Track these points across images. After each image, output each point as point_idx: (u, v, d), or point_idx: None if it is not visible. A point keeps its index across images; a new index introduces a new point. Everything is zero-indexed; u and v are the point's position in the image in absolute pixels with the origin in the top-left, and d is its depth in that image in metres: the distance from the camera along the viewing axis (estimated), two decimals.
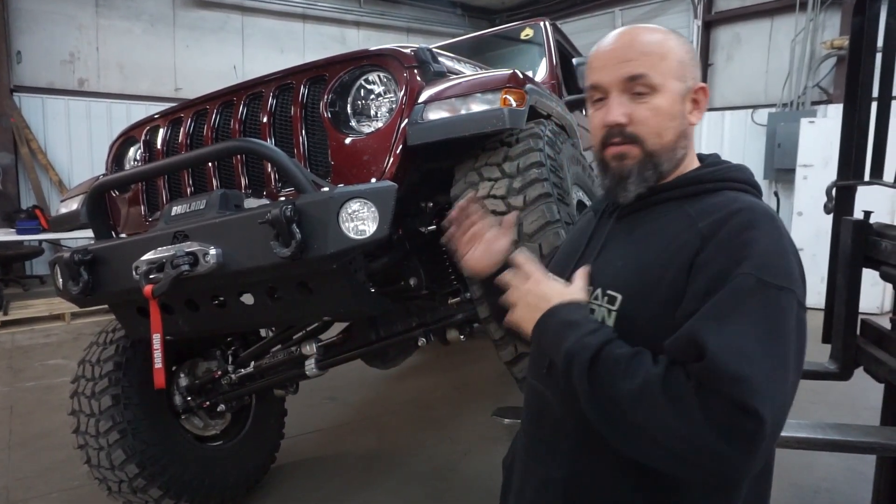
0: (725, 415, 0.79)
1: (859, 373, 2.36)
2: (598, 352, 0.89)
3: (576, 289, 1.01)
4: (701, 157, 1.10)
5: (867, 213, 2.19)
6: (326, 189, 1.66)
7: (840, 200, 2.37)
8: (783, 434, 1.79)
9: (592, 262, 1.06)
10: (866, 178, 2.27)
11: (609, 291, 0.99)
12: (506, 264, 1.15)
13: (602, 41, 1.06)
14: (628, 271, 0.99)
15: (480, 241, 1.20)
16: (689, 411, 0.81)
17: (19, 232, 6.50)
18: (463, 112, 1.78)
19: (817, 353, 2.90)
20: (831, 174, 2.45)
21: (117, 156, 2.53)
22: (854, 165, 2.27)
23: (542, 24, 3.63)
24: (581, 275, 1.03)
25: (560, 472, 1.04)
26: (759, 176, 7.72)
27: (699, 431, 0.80)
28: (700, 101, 1.05)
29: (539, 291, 1.00)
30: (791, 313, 0.85)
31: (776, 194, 7.45)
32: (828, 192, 2.40)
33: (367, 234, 1.58)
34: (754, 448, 0.79)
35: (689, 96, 1.03)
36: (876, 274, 2.20)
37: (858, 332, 2.31)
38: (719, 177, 1.03)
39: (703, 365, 0.81)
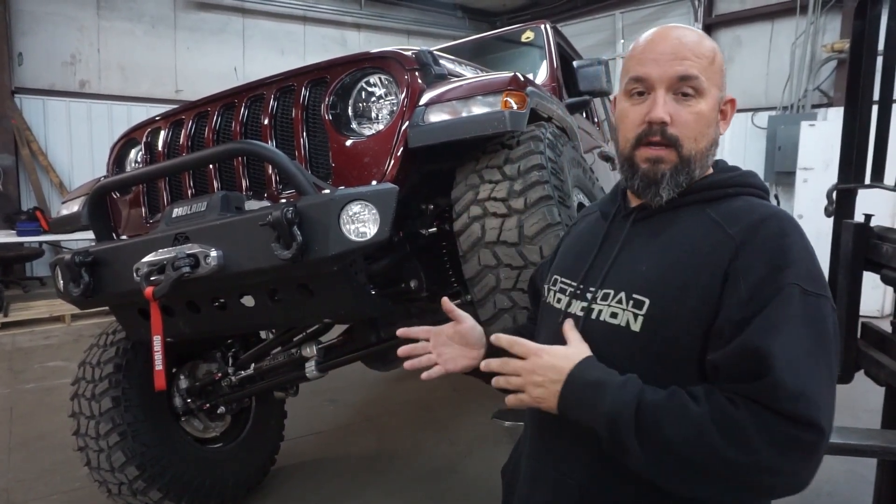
0: (786, 432, 0.81)
1: (858, 376, 2.36)
2: (638, 405, 0.88)
3: (576, 345, 0.99)
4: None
5: (868, 217, 2.19)
6: (327, 191, 1.67)
7: (841, 204, 2.37)
8: None
9: (610, 265, 1.04)
10: (867, 181, 2.27)
11: (635, 295, 0.97)
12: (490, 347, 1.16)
13: (651, 34, 1.03)
14: (655, 275, 0.97)
15: (444, 347, 1.21)
16: (747, 441, 0.82)
17: (20, 233, 6.50)
18: (464, 114, 1.78)
19: None
20: (831, 177, 2.45)
21: (118, 157, 2.54)
22: (855, 168, 2.27)
23: (542, 26, 3.63)
24: (571, 327, 1.02)
25: (576, 479, 1.04)
26: None
27: (761, 457, 0.81)
28: (727, 112, 1.04)
29: (545, 365, 0.97)
30: (830, 320, 0.88)
31: (776, 197, 7.45)
32: (828, 196, 2.40)
33: (368, 237, 1.58)
34: (816, 458, 0.82)
35: (720, 106, 1.02)
36: (876, 277, 2.20)
37: (859, 335, 2.31)
38: (740, 182, 1.02)
39: (765, 383, 0.82)
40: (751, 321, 0.86)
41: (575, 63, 3.08)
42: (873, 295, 6.38)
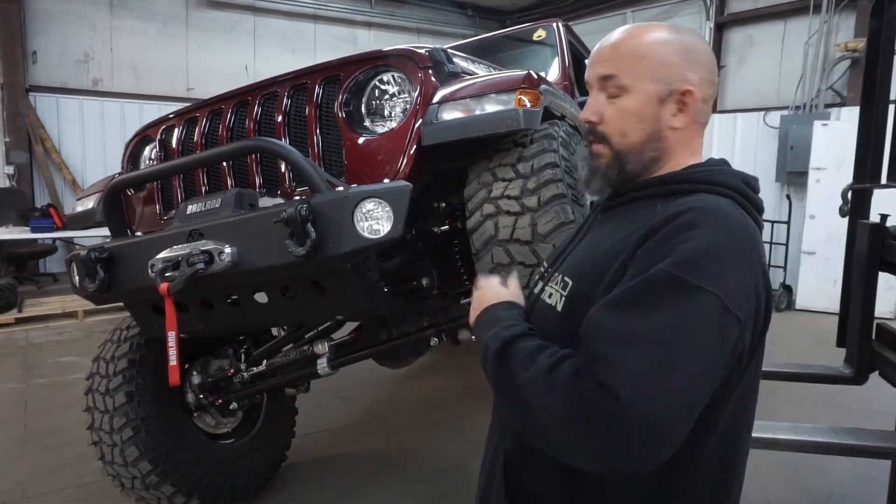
0: (589, 395, 0.79)
1: (872, 377, 2.35)
2: (506, 343, 0.96)
3: (512, 290, 1.13)
4: (709, 160, 1.07)
5: (884, 217, 2.17)
6: (341, 188, 1.67)
7: (856, 204, 2.35)
8: (799, 438, 1.78)
9: (570, 252, 1.12)
10: (883, 181, 2.25)
11: (564, 277, 1.04)
12: None
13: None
14: (585, 260, 1.04)
15: None
16: (560, 394, 0.83)
17: (33, 230, 6.56)
18: (477, 112, 1.78)
19: (831, 357, 2.88)
20: (844, 177, 2.43)
21: (133, 155, 2.56)
22: (870, 168, 2.25)
23: (554, 25, 3.63)
24: (514, 277, 1.17)
25: (507, 444, 1.11)
26: (770, 179, 7.66)
27: (568, 414, 0.81)
28: (687, 103, 1.00)
29: (482, 297, 1.12)
30: (706, 316, 0.81)
31: (788, 197, 7.38)
32: (843, 196, 2.38)
33: (382, 234, 1.59)
34: (615, 434, 0.78)
35: (673, 98, 0.99)
36: (889, 278, 2.18)
37: (874, 336, 2.29)
38: (695, 178, 0.99)
39: (585, 347, 0.84)
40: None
41: (587, 61, 3.06)
42: (887, 296, 6.33)
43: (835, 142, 6.63)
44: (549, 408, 0.84)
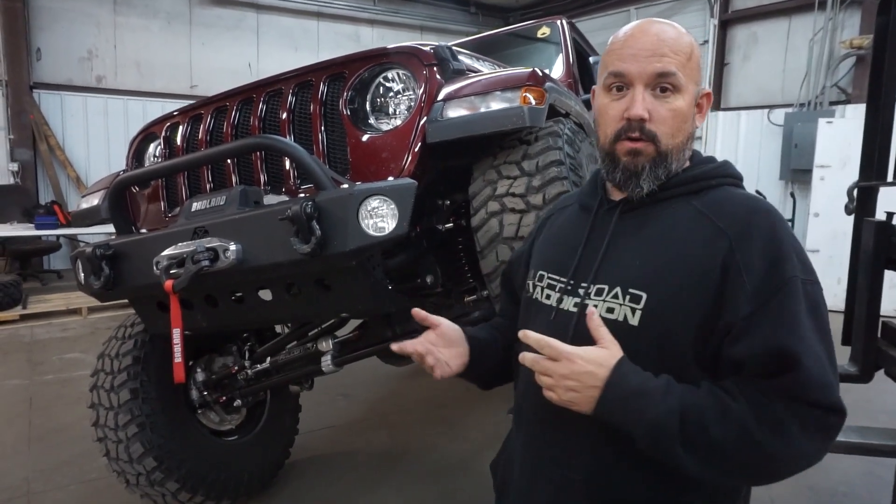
0: (820, 420, 0.87)
1: (876, 375, 2.34)
2: (682, 412, 0.89)
3: (608, 345, 0.95)
4: (697, 155, 1.11)
5: (890, 215, 2.16)
6: (346, 186, 1.67)
7: (862, 201, 2.34)
8: None
9: (601, 259, 1.05)
10: (889, 178, 2.24)
11: (631, 290, 0.98)
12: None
13: (630, 29, 1.04)
14: (650, 269, 0.98)
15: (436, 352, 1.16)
16: (787, 433, 0.87)
17: (38, 227, 6.58)
18: (482, 110, 1.78)
19: (837, 355, 2.87)
20: (849, 175, 2.42)
21: (137, 152, 2.56)
22: (877, 166, 2.24)
23: (558, 22, 3.62)
24: (599, 323, 0.96)
25: (581, 473, 1.04)
26: (774, 176, 7.65)
27: (800, 446, 0.87)
28: (703, 106, 1.06)
29: (580, 371, 0.93)
30: (825, 304, 0.94)
31: (792, 195, 7.37)
32: (849, 193, 2.37)
33: (387, 231, 1.58)
34: (831, 441, 0.90)
35: (698, 100, 1.04)
36: (893, 275, 2.17)
37: (879, 334, 2.28)
38: (720, 173, 1.05)
39: (795, 376, 0.87)
40: (762, 315, 0.89)
41: (591, 59, 3.06)
42: (890, 294, 6.29)
43: (839, 139, 6.60)
44: (777, 450, 0.87)
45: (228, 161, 2.15)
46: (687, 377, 0.94)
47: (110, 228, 2.29)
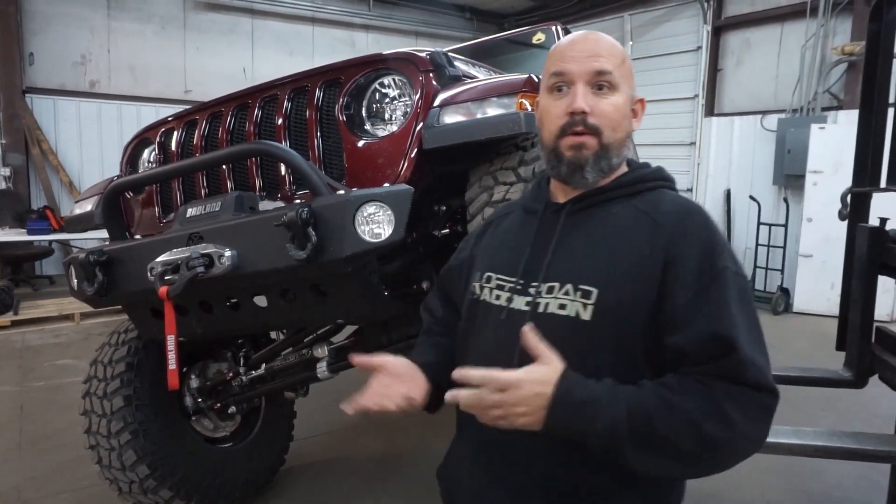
0: (755, 400, 0.93)
1: (870, 380, 2.35)
2: (629, 416, 0.92)
3: (547, 360, 0.95)
4: (632, 161, 1.18)
5: (883, 220, 2.17)
6: (342, 192, 1.67)
7: (855, 207, 2.35)
8: (801, 442, 1.78)
9: (550, 258, 1.08)
10: (882, 184, 2.26)
11: (582, 286, 1.02)
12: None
13: (570, 37, 1.13)
14: (599, 265, 1.03)
15: (383, 387, 1.12)
16: (727, 417, 0.91)
17: (30, 232, 6.53)
18: (479, 116, 1.78)
19: (830, 360, 2.89)
20: (842, 180, 2.44)
21: (132, 157, 2.55)
22: (870, 172, 2.25)
23: (554, 28, 3.63)
24: (534, 337, 0.96)
25: (537, 475, 1.06)
26: (767, 182, 7.69)
27: (740, 428, 0.91)
28: (638, 112, 1.14)
29: (527, 395, 0.93)
30: (752, 295, 1.02)
31: (786, 200, 7.40)
32: (843, 199, 2.39)
33: (383, 238, 1.58)
34: (772, 420, 0.95)
35: (633, 105, 1.12)
36: (886, 281, 2.19)
37: (873, 339, 2.29)
38: (657, 176, 1.13)
39: (732, 359, 0.92)
40: (698, 304, 0.96)
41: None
42: (883, 299, 6.34)
43: (832, 145, 6.65)
44: (723, 433, 0.91)
45: (224, 167, 2.14)
46: (638, 369, 1.00)
47: (103, 234, 2.28)
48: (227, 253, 1.69)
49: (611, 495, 1.04)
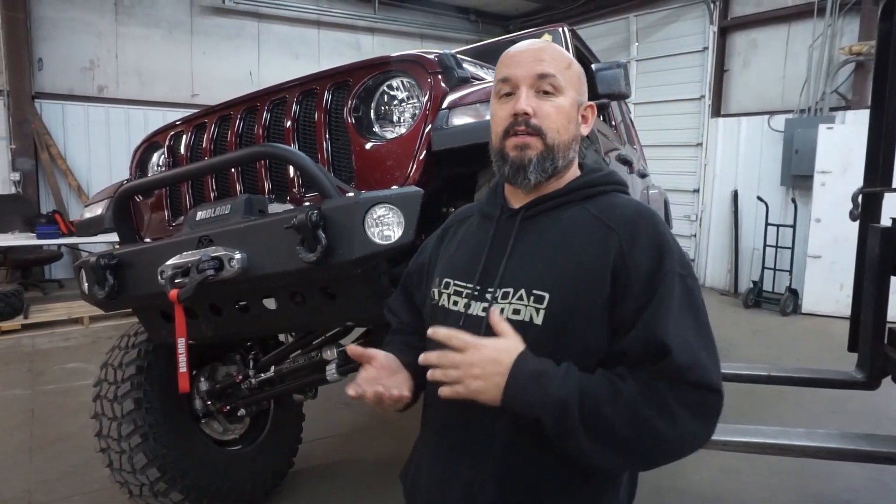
0: (697, 399, 0.95)
1: (882, 382, 2.33)
2: (580, 392, 0.95)
3: (511, 337, 0.99)
4: (586, 165, 1.20)
5: (895, 220, 2.16)
6: (351, 194, 1.67)
7: (866, 207, 2.34)
8: (813, 444, 1.77)
9: (505, 264, 1.09)
10: (894, 184, 2.24)
11: (535, 291, 1.04)
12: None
13: (517, 45, 1.15)
14: (551, 270, 1.05)
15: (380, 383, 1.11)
16: (671, 412, 0.94)
17: (39, 236, 6.57)
18: (488, 117, 1.77)
19: (839, 361, 2.87)
20: (850, 181, 2.43)
21: (141, 161, 2.56)
22: (881, 172, 2.24)
23: (560, 29, 3.62)
24: (500, 318, 1.00)
25: (492, 472, 1.07)
26: (775, 183, 7.65)
27: (684, 424, 0.94)
28: (588, 117, 1.17)
29: (485, 358, 0.97)
30: (700, 295, 1.03)
31: (794, 201, 7.36)
32: (854, 199, 2.37)
33: (393, 240, 1.58)
34: (717, 418, 0.97)
35: (581, 110, 1.14)
36: (895, 281, 2.17)
37: (886, 340, 2.27)
38: (609, 181, 1.15)
39: (668, 362, 0.94)
40: (643, 310, 0.98)
41: (593, 66, 3.06)
42: (893, 300, 6.28)
43: (840, 145, 6.61)
44: (664, 429, 0.94)
45: (233, 170, 2.15)
46: (590, 373, 1.01)
47: (112, 238, 2.29)
48: (237, 256, 1.69)
49: (562, 490, 1.06)
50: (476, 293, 1.11)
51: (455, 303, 1.14)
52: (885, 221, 2.23)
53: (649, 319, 0.97)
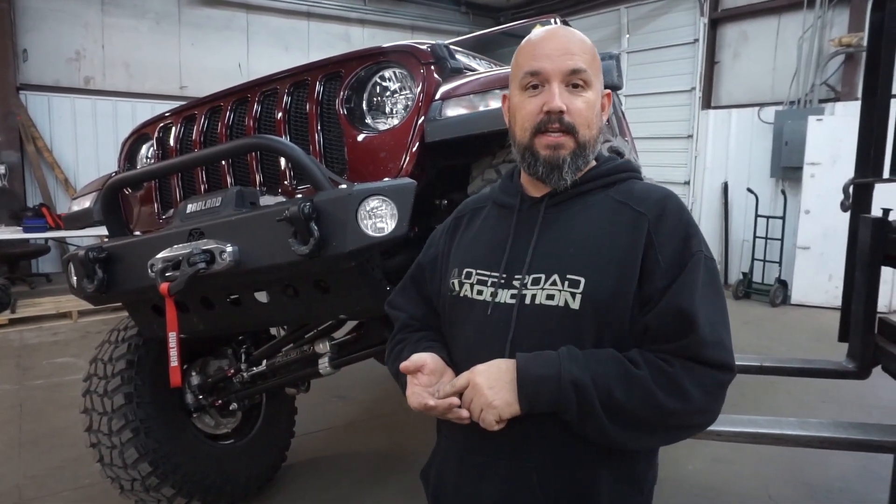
0: (712, 377, 0.99)
1: (872, 371, 2.35)
2: (593, 376, 0.97)
3: (498, 359, 1.04)
4: (599, 154, 1.19)
5: (886, 211, 2.17)
6: (344, 186, 1.65)
7: (857, 198, 2.35)
8: (806, 434, 1.78)
9: (532, 250, 1.10)
10: (885, 175, 2.25)
11: (570, 276, 1.04)
12: None
13: (541, 33, 1.12)
14: (584, 255, 1.05)
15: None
16: (684, 391, 0.97)
17: (26, 230, 6.50)
18: (481, 109, 1.76)
19: (829, 351, 2.89)
20: (839, 172, 2.45)
21: (130, 153, 2.52)
22: (872, 163, 2.25)
23: (553, 20, 3.61)
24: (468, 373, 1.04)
25: (533, 461, 1.07)
26: (765, 174, 7.69)
27: (696, 402, 0.98)
28: (605, 105, 1.15)
29: (488, 378, 1.01)
30: (720, 278, 1.10)
31: (783, 192, 7.40)
32: (845, 190, 2.38)
33: (386, 232, 1.56)
34: (725, 394, 1.02)
35: (602, 99, 1.13)
36: (887, 271, 2.18)
37: (876, 330, 2.29)
38: (626, 168, 1.16)
39: (691, 340, 0.98)
40: (671, 286, 1.01)
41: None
42: (885, 290, 6.35)
43: (829, 137, 6.65)
44: (677, 408, 0.97)
45: (223, 162, 2.12)
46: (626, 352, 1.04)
47: (101, 231, 2.26)
48: (229, 249, 1.67)
49: (602, 478, 1.07)
50: (502, 281, 1.10)
51: (479, 292, 1.13)
52: (876, 212, 2.24)
53: (676, 292, 1.00)
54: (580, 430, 1.00)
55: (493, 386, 1.00)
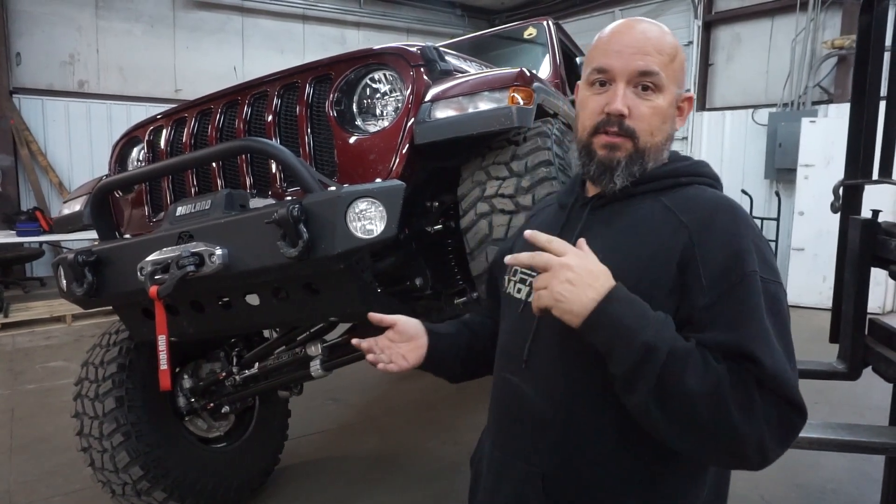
0: (781, 413, 0.86)
1: (863, 372, 2.36)
2: (672, 346, 0.86)
3: (597, 262, 0.93)
4: (674, 154, 1.12)
5: (875, 212, 2.18)
6: (333, 188, 1.65)
7: (847, 199, 2.36)
8: None
9: None
10: (874, 176, 2.26)
11: None
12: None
13: (617, 25, 1.05)
14: (618, 260, 0.98)
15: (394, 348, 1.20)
16: (753, 411, 0.85)
17: (19, 234, 6.48)
18: (470, 110, 1.77)
19: (823, 352, 2.89)
20: (833, 174, 2.45)
21: (120, 156, 2.52)
22: (862, 164, 2.25)
23: (545, 23, 3.62)
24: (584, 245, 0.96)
25: (542, 466, 1.04)
26: (759, 176, 7.72)
27: (760, 431, 0.85)
28: (684, 109, 1.07)
29: (584, 266, 0.90)
30: (785, 304, 0.94)
31: (777, 194, 7.43)
32: (835, 192, 2.39)
33: (375, 234, 1.56)
34: (794, 438, 0.88)
35: (678, 103, 1.05)
36: (878, 273, 2.19)
37: (866, 331, 2.30)
38: (691, 171, 1.06)
39: (759, 371, 0.85)
40: (720, 308, 0.90)
41: (578, 59, 3.06)
42: (876, 291, 6.38)
43: (823, 138, 6.68)
44: (739, 424, 0.84)
45: (213, 164, 2.12)
46: None
47: (94, 234, 2.25)
48: (218, 251, 1.67)
49: (616, 496, 1.00)
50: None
51: (518, 290, 1.11)
52: (866, 213, 2.25)
53: (730, 321, 0.89)
54: (619, 391, 0.91)
55: (576, 284, 0.89)
